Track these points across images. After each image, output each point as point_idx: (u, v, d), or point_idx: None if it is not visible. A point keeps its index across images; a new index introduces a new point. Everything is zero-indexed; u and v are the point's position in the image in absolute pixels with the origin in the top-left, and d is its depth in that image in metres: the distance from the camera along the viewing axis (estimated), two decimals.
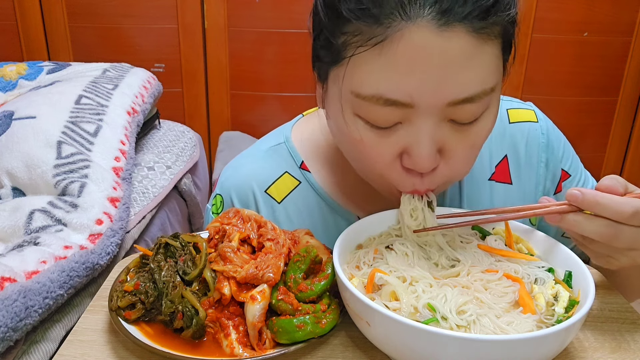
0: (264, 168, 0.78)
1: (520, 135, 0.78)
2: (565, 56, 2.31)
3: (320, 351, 0.57)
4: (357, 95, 0.56)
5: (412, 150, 0.57)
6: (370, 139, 0.58)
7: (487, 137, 0.61)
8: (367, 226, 0.66)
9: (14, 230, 1.01)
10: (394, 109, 0.55)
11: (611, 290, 0.67)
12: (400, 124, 0.57)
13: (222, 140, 2.34)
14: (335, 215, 0.77)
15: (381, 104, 0.55)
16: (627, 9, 2.25)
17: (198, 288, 0.60)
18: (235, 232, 0.63)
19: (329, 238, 0.74)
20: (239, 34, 2.28)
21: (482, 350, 0.46)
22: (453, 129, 0.57)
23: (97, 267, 0.98)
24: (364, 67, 0.55)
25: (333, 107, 0.62)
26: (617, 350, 0.57)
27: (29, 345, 0.86)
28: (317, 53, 0.63)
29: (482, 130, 0.59)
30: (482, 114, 0.58)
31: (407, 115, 0.56)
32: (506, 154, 0.77)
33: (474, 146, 0.60)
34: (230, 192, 0.79)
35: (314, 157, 0.78)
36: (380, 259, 0.61)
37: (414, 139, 0.57)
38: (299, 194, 0.77)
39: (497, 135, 0.77)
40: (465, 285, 0.56)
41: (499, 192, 0.77)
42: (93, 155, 1.23)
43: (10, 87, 1.61)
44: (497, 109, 0.60)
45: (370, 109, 0.56)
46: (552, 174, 0.79)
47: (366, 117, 0.57)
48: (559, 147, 0.79)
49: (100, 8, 2.23)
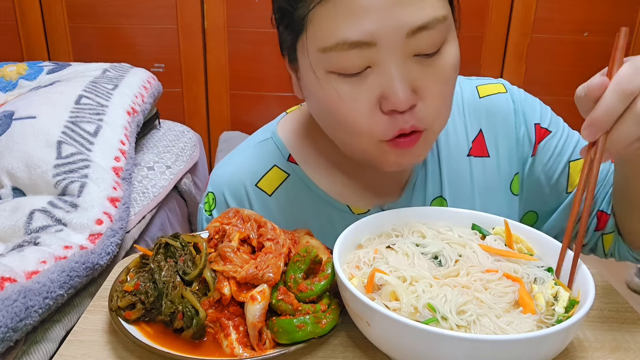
0: (253, 163, 0.81)
1: (491, 107, 0.80)
2: (565, 56, 2.31)
3: (320, 351, 0.57)
4: (323, 50, 0.59)
5: (387, 91, 0.59)
6: (346, 92, 0.61)
7: (455, 74, 0.63)
8: (367, 226, 0.66)
9: (14, 230, 1.01)
10: (359, 51, 0.58)
11: (611, 290, 0.67)
12: (370, 69, 0.60)
13: (222, 140, 2.34)
14: (325, 204, 0.79)
15: (346, 48, 0.58)
16: (627, 9, 2.25)
17: (198, 288, 0.60)
18: (235, 232, 0.63)
19: (321, 227, 0.77)
20: (238, 34, 2.28)
21: (482, 350, 0.46)
22: (420, 65, 0.60)
23: (97, 267, 0.98)
24: (323, 23, 0.59)
25: (307, 80, 0.65)
26: (617, 350, 0.57)
27: (29, 345, 0.86)
28: (282, 39, 0.67)
29: (446, 62, 0.61)
30: (442, 46, 0.61)
31: (374, 57, 0.59)
32: (481, 128, 0.80)
33: (445, 80, 0.62)
34: (223, 188, 0.81)
35: (300, 149, 0.80)
36: (380, 259, 0.61)
37: (386, 80, 0.59)
38: (288, 186, 0.79)
39: (470, 112, 0.80)
40: (465, 285, 0.55)
41: (478, 166, 0.79)
42: (93, 155, 1.23)
43: (10, 87, 1.61)
44: (456, 44, 0.63)
45: (338, 58, 0.59)
46: (528, 136, 0.80)
47: (337, 68, 0.60)
48: (533, 108, 0.80)
49: (100, 8, 2.23)
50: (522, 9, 2.26)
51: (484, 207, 0.78)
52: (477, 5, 2.25)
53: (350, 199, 0.78)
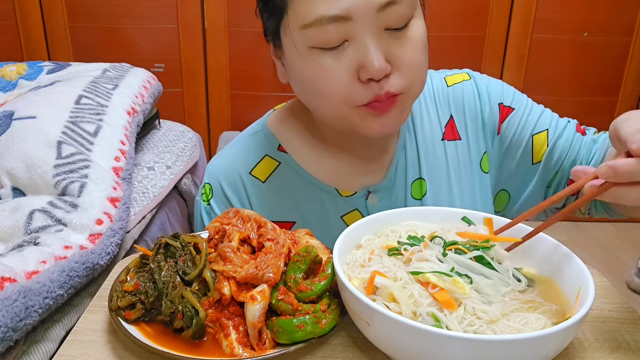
0: (246, 153, 0.87)
1: (458, 94, 0.87)
2: (565, 56, 2.31)
3: (320, 351, 0.57)
4: (304, 26, 0.67)
5: (364, 60, 0.66)
6: (327, 64, 0.68)
7: (424, 47, 0.70)
8: (367, 226, 0.67)
9: (14, 230, 1.01)
10: (336, 25, 0.65)
11: (611, 290, 0.67)
12: (347, 42, 0.67)
13: (222, 140, 2.34)
14: (315, 188, 0.85)
15: (325, 23, 0.65)
16: (627, 9, 2.25)
17: (198, 288, 0.60)
18: (235, 232, 0.63)
19: (312, 210, 0.85)
20: (239, 33, 2.28)
21: (482, 351, 0.46)
22: (392, 38, 0.68)
23: (97, 267, 0.98)
24: (302, 2, 0.66)
25: (291, 59, 0.72)
26: (617, 350, 0.57)
27: (29, 345, 0.86)
28: (267, 27, 0.76)
29: (415, 35, 0.69)
30: (410, 21, 0.69)
31: (350, 31, 0.66)
32: (451, 114, 0.87)
33: (415, 51, 0.69)
34: (219, 177, 0.87)
35: (289, 139, 0.87)
36: (377, 258, 0.61)
37: (362, 51, 0.67)
38: (280, 173, 0.86)
39: (441, 100, 0.88)
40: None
41: (451, 148, 0.86)
42: (93, 155, 1.23)
43: (10, 87, 1.61)
44: (422, 22, 0.71)
45: (318, 33, 0.66)
46: (492, 116, 0.87)
47: (318, 43, 0.67)
48: (495, 89, 0.87)
49: (100, 8, 2.23)
50: (522, 9, 2.26)
51: (458, 185, 0.86)
52: (477, 5, 2.25)
53: (338, 182, 0.85)
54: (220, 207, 0.87)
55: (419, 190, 0.85)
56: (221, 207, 0.87)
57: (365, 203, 0.84)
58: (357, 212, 0.84)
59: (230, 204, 0.86)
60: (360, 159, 0.85)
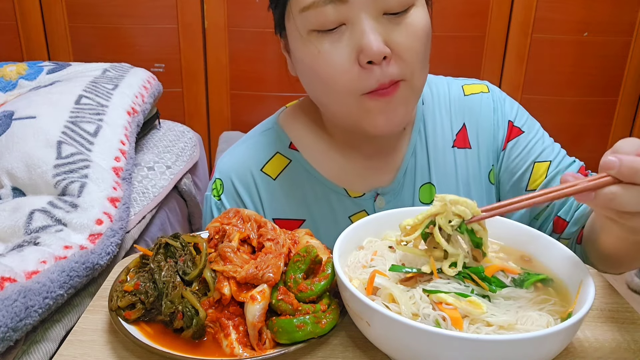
0: (257, 150, 0.88)
1: (474, 104, 0.88)
2: (565, 56, 2.31)
3: (320, 351, 0.57)
4: (303, 9, 0.68)
5: (362, 43, 0.67)
6: (326, 49, 0.69)
7: (426, 35, 0.70)
8: (367, 226, 0.66)
9: (14, 230, 1.01)
10: (333, 6, 0.67)
11: (611, 290, 0.67)
12: (344, 26, 0.68)
13: (222, 140, 2.34)
14: (324, 187, 0.85)
15: (322, 4, 0.67)
16: (627, 9, 2.24)
17: (198, 288, 0.60)
18: (235, 232, 0.63)
19: (320, 209, 0.85)
20: (239, 33, 2.28)
21: (482, 351, 0.46)
22: (390, 23, 0.68)
23: (97, 267, 0.98)
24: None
25: (295, 47, 0.73)
26: (617, 350, 0.57)
27: (29, 345, 0.86)
28: (275, 18, 0.77)
29: (415, 22, 0.69)
30: (411, 8, 0.69)
31: (347, 14, 0.67)
32: (464, 122, 0.87)
33: (415, 37, 0.69)
34: (230, 174, 0.87)
35: (300, 137, 0.87)
36: (380, 258, 0.61)
37: (360, 33, 0.67)
38: (290, 171, 0.86)
39: (456, 107, 0.88)
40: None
41: (461, 156, 0.87)
42: (93, 155, 1.23)
43: (10, 87, 1.61)
44: (425, 11, 0.71)
45: (316, 14, 0.67)
46: (502, 133, 0.87)
47: (316, 25, 0.68)
48: (510, 108, 0.88)
49: (100, 8, 2.23)
50: (522, 9, 2.26)
51: (466, 193, 0.86)
52: (477, 5, 2.25)
53: (347, 182, 0.85)
54: (230, 202, 0.87)
55: (427, 194, 0.85)
56: (232, 202, 0.87)
57: (373, 205, 0.84)
58: (365, 214, 0.84)
59: (240, 199, 0.86)
60: (369, 159, 0.85)
